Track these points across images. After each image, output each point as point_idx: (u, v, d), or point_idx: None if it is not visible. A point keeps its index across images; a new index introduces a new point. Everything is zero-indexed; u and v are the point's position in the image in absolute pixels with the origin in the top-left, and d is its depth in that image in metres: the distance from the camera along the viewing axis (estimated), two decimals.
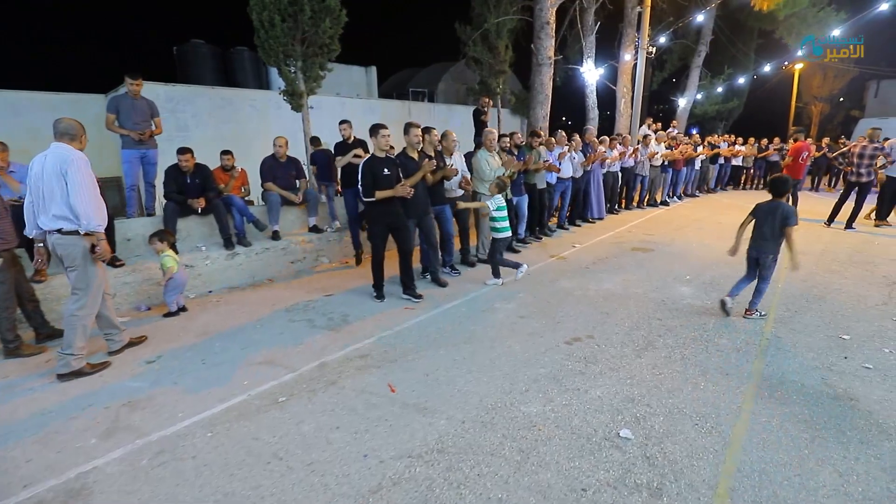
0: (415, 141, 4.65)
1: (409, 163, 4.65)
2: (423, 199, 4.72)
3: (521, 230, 6.65)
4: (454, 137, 5.30)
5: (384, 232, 4.50)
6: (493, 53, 11.49)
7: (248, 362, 3.47)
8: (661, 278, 5.23)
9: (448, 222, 5.32)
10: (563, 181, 7.50)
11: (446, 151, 5.30)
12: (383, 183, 4.27)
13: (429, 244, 4.98)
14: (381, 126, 4.33)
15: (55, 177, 3.03)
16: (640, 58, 11.78)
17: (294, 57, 7.82)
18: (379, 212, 4.37)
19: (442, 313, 4.32)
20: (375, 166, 4.26)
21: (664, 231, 7.88)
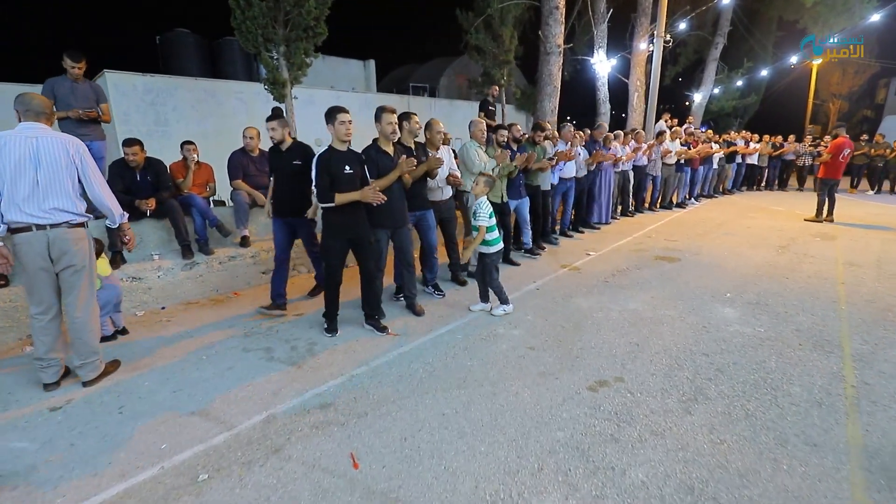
0: (388, 131, 3.58)
1: (382, 158, 3.64)
2: (398, 206, 3.74)
3: (527, 238, 5.81)
4: (441, 127, 4.39)
5: (343, 247, 3.47)
6: (497, 42, 10.67)
7: (176, 413, 2.67)
8: (696, 296, 4.40)
9: (430, 231, 4.32)
10: (565, 181, 6.62)
11: (430, 145, 4.38)
12: (344, 184, 3.30)
13: (404, 263, 4.01)
14: (339, 110, 3.28)
15: (63, 164, 2.72)
16: (657, 47, 10.92)
17: (275, 41, 7.03)
18: (338, 221, 3.38)
19: (433, 341, 3.50)
20: (334, 162, 3.28)
21: (688, 237, 7.03)
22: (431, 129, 4.36)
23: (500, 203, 5.04)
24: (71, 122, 4.54)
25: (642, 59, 12.44)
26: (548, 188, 6.06)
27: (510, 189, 5.29)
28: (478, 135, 4.83)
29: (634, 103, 12.72)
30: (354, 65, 17.66)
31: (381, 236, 3.77)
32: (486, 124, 5.13)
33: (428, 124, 4.35)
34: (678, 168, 9.45)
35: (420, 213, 4.20)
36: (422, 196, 4.19)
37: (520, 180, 5.46)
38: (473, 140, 4.88)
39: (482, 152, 4.83)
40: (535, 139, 5.81)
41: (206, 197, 5.06)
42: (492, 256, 3.89)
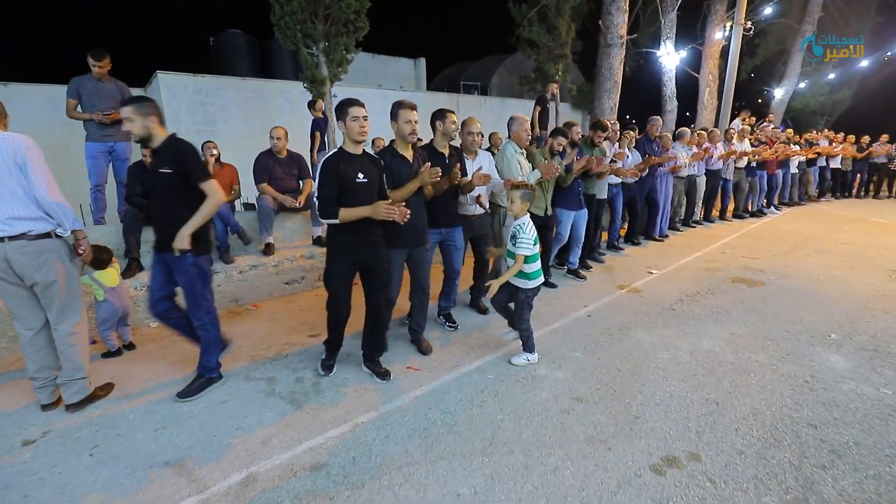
0: (406, 131, 2.92)
1: (398, 165, 3.00)
2: (418, 222, 3.08)
3: (574, 258, 5.00)
4: (478, 128, 3.63)
5: (349, 272, 2.85)
6: (553, 35, 9.89)
7: (147, 463, 2.27)
8: (790, 335, 3.55)
9: (456, 253, 3.60)
10: (611, 187, 5.74)
11: (466, 150, 3.70)
12: (357, 194, 2.67)
13: (417, 288, 3.30)
14: (350, 102, 2.64)
15: (9, 167, 2.38)
16: (735, 35, 9.71)
17: (315, 38, 6.72)
18: (345, 241, 2.76)
19: (458, 382, 2.94)
20: (343, 168, 2.63)
21: (771, 253, 6.02)
22: (468, 130, 3.65)
23: (545, 216, 4.39)
24: (95, 122, 4.38)
25: (716, 51, 11.20)
26: (604, 196, 5.32)
27: (566, 198, 4.61)
28: (521, 136, 4.04)
29: (705, 100, 11.49)
30: (404, 63, 17.39)
31: (396, 257, 3.12)
32: (533, 124, 4.50)
33: (463, 124, 3.64)
34: (749, 172, 8.30)
35: (447, 230, 3.52)
36: (450, 211, 3.50)
37: (578, 187, 4.70)
38: (513, 142, 4.11)
39: (524, 159, 4.14)
40: (595, 140, 5.01)
41: (229, 200, 4.77)
42: (527, 293, 3.08)
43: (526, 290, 3.08)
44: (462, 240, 3.63)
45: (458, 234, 3.59)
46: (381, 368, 3.03)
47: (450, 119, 3.29)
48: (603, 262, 5.55)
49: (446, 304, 3.82)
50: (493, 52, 21.59)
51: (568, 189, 4.58)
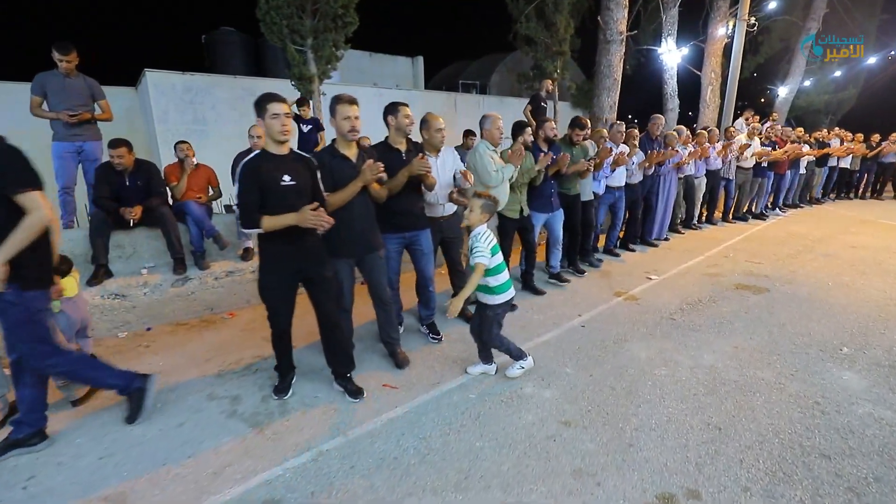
0: (346, 128, 2.62)
1: (338, 165, 2.69)
2: (365, 227, 2.81)
3: (555, 261, 4.76)
4: (440, 124, 3.26)
5: (286, 286, 2.56)
6: (551, 31, 9.63)
7: (84, 497, 2.05)
8: (798, 348, 3.30)
9: (425, 258, 3.34)
10: (613, 190, 5.43)
11: (429, 147, 3.30)
12: (281, 200, 2.35)
13: (376, 300, 3.03)
14: (270, 98, 2.31)
15: None
16: (738, 32, 9.44)
17: (302, 33, 6.49)
18: (276, 251, 2.48)
19: (437, 402, 2.71)
20: (265, 170, 2.33)
21: (776, 258, 5.76)
22: (428, 127, 3.24)
23: (520, 217, 4.16)
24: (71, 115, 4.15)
25: (718, 48, 10.93)
26: (589, 198, 5.01)
27: (536, 199, 4.34)
28: (493, 134, 3.80)
29: (707, 98, 11.22)
30: (402, 62, 17.16)
31: (342, 268, 2.82)
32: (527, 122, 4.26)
33: (423, 121, 3.27)
34: (758, 172, 8.00)
35: (412, 234, 3.24)
36: (413, 213, 3.21)
37: (550, 189, 4.38)
38: (486, 141, 3.87)
39: (497, 157, 3.88)
40: (573, 138, 4.69)
41: (206, 203, 4.54)
42: (495, 309, 2.76)
43: (492, 306, 2.76)
44: (430, 243, 3.35)
45: (426, 238, 3.30)
46: (354, 386, 2.77)
47: (403, 113, 2.98)
48: (599, 266, 5.28)
49: (426, 312, 3.55)
50: (492, 50, 21.36)
51: (539, 191, 4.29)
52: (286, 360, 2.80)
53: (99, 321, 3.78)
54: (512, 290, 2.79)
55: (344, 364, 2.81)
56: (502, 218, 4.16)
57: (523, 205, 4.16)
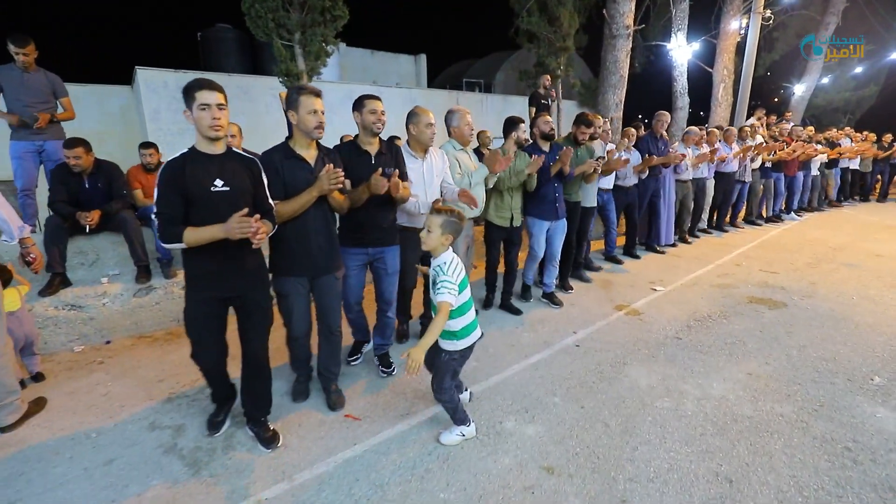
0: (312, 124, 2.23)
1: (294, 168, 2.28)
2: (321, 243, 2.38)
3: (550, 279, 4.18)
4: (430, 119, 2.88)
5: (213, 313, 2.14)
6: (554, 26, 9.23)
7: None
8: (822, 376, 2.91)
9: (388, 278, 2.88)
10: (601, 193, 4.98)
11: (416, 145, 2.94)
12: (211, 209, 1.95)
13: (324, 326, 2.56)
14: (198, 86, 1.92)
15: None
16: (753, 25, 8.97)
17: (289, 27, 6.18)
18: (202, 270, 2.07)
19: (401, 438, 2.36)
20: (191, 173, 1.94)
21: (793, 267, 5.34)
22: (417, 122, 2.88)
23: (510, 227, 3.75)
24: (22, 119, 3.88)
25: (731, 44, 10.45)
26: (592, 205, 4.61)
27: (538, 205, 3.89)
28: (462, 131, 3.26)
29: (719, 96, 10.74)
30: (405, 60, 16.82)
31: (293, 288, 2.40)
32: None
33: (411, 114, 2.91)
34: (765, 174, 7.54)
35: (376, 250, 2.79)
36: (379, 226, 2.74)
37: (555, 192, 3.86)
38: (453, 140, 3.36)
39: (466, 158, 3.41)
40: (578, 137, 4.13)
41: None
42: (452, 355, 2.22)
43: (450, 352, 2.22)
44: (397, 262, 2.90)
45: (392, 255, 2.86)
46: (268, 432, 2.34)
47: (368, 108, 2.55)
48: (590, 281, 4.81)
49: (380, 341, 3.06)
50: (497, 48, 20.95)
51: (541, 194, 3.83)
52: (221, 388, 2.42)
53: (53, 334, 3.50)
54: (477, 332, 2.27)
55: (260, 406, 2.37)
56: (489, 226, 3.78)
57: (514, 212, 3.72)
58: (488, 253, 3.90)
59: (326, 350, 2.64)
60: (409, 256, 3.05)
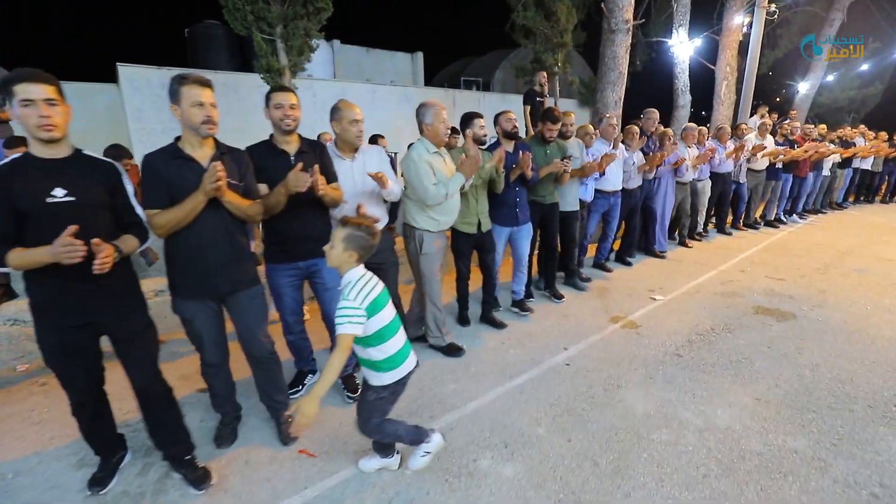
0: (198, 119, 1.88)
1: (180, 171, 1.91)
2: (222, 255, 2.02)
3: (518, 287, 3.90)
4: (356, 115, 2.50)
5: (73, 343, 1.78)
6: (551, 21, 8.91)
7: None
8: (839, 402, 2.60)
9: (329, 294, 2.52)
10: (608, 196, 4.67)
11: (342, 145, 2.58)
12: (48, 224, 1.58)
13: (248, 355, 2.24)
14: (18, 78, 1.54)
15: None
16: (757, 20, 8.66)
17: (269, 21, 5.88)
18: (48, 296, 1.71)
19: (359, 480, 2.06)
20: (19, 185, 1.59)
21: (800, 273, 5.03)
22: (340, 118, 2.47)
23: (478, 233, 3.34)
24: None
25: (734, 40, 10.12)
26: (572, 208, 4.16)
27: (496, 208, 3.50)
28: (437, 130, 2.86)
29: (722, 94, 10.42)
30: (401, 58, 16.54)
31: (196, 314, 2.04)
32: None
33: (334, 109, 2.50)
34: (772, 174, 7.14)
35: (308, 263, 2.45)
36: (309, 237, 2.37)
37: (515, 196, 3.52)
38: (425, 141, 2.92)
39: (443, 162, 2.98)
40: (545, 134, 3.73)
41: None
42: (379, 392, 1.88)
43: (376, 388, 1.86)
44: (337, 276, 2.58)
45: (330, 269, 2.50)
46: (196, 471, 2.03)
47: (274, 102, 2.21)
48: (585, 289, 4.46)
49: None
50: (497, 47, 20.65)
51: (500, 198, 3.45)
52: (99, 439, 2.06)
53: None
54: (409, 363, 1.90)
55: (173, 443, 2.05)
56: (456, 234, 3.37)
57: (481, 216, 3.32)
58: (457, 264, 3.48)
59: (261, 377, 2.31)
60: None
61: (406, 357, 1.89)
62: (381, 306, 1.79)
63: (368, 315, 1.72)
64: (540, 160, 3.70)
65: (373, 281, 1.81)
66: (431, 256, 3.02)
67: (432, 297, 3.09)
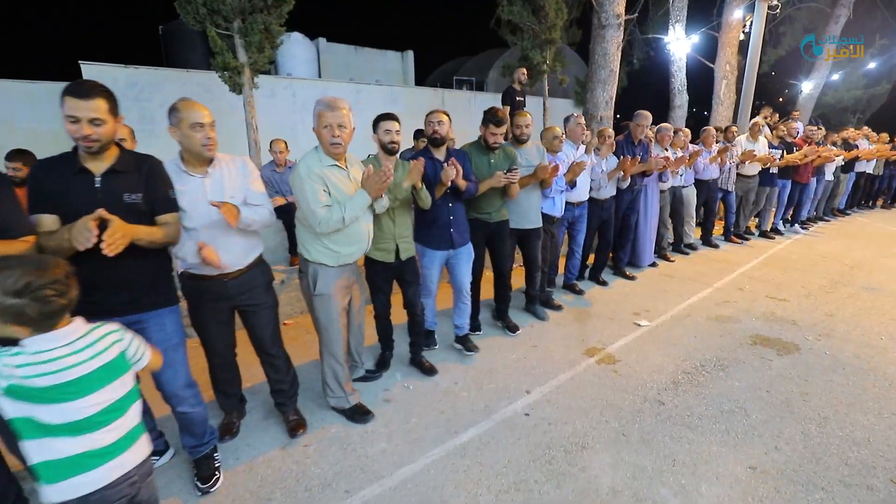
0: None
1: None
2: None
3: (461, 320, 3.25)
4: (200, 117, 1.91)
5: None
6: (538, 16, 8.41)
7: None
8: (854, 472, 2.10)
9: (174, 351, 1.93)
10: (572, 207, 4.10)
11: (190, 157, 1.97)
12: None
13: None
14: None
15: None
16: (758, 15, 8.14)
17: (224, 14, 5.41)
18: None
19: None
20: None
21: (805, 293, 4.52)
22: (178, 125, 1.89)
23: (396, 262, 2.73)
24: None
25: (734, 37, 9.61)
26: (535, 225, 3.54)
27: (426, 228, 2.94)
28: (322, 137, 2.21)
29: (721, 94, 9.91)
30: (391, 56, 16.05)
31: None
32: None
33: (169, 112, 1.92)
34: (766, 180, 6.50)
35: (129, 319, 1.77)
36: (129, 284, 1.79)
37: (448, 214, 2.89)
38: (318, 152, 2.28)
39: (349, 178, 2.33)
40: (487, 139, 3.09)
41: None
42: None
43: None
44: (173, 330, 1.93)
45: (159, 323, 1.89)
46: None
47: (66, 110, 1.54)
48: (546, 318, 3.83)
49: (191, 442, 2.09)
50: (492, 46, 20.16)
51: (429, 217, 2.87)
52: None
53: None
54: (95, 478, 1.24)
55: None
56: (369, 263, 2.77)
57: (400, 241, 2.71)
58: (374, 298, 2.91)
59: None
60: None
61: (83, 471, 1.22)
62: (66, 397, 1.18)
63: (19, 397, 1.14)
64: (483, 171, 3.10)
65: (68, 360, 1.19)
66: (327, 299, 2.37)
67: (330, 347, 2.45)
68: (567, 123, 4.07)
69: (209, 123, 1.93)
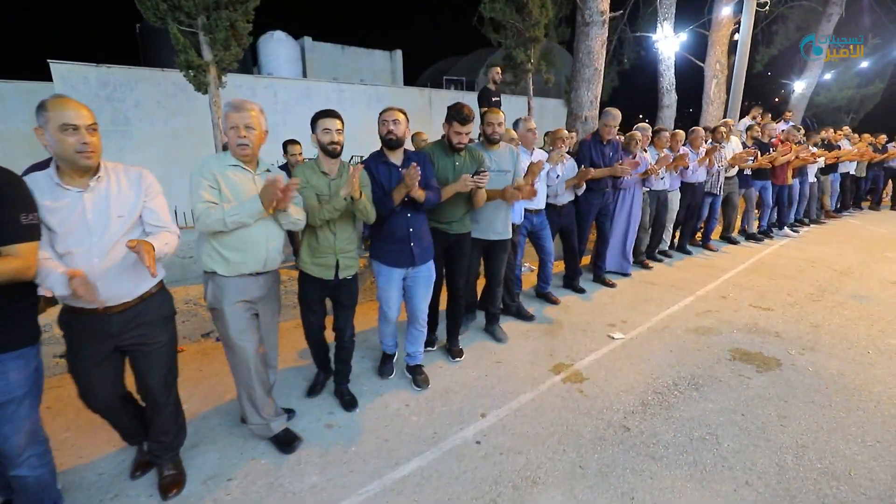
0: None
1: None
2: None
3: (414, 347, 2.92)
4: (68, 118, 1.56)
5: None
6: (522, 13, 8.19)
7: None
8: None
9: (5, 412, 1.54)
10: (530, 215, 3.81)
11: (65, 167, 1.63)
12: None
13: None
14: None
15: None
16: (747, 12, 7.95)
17: (187, 10, 5.17)
18: None
19: None
20: None
21: (791, 301, 4.32)
22: (44, 126, 1.58)
23: (335, 281, 2.44)
24: None
25: (724, 35, 9.43)
26: (503, 237, 3.23)
27: (386, 245, 2.65)
28: (230, 138, 2.01)
29: (711, 93, 9.73)
30: (379, 56, 15.81)
31: None
32: None
33: (38, 107, 1.59)
34: (746, 182, 6.34)
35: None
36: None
37: (408, 227, 2.61)
38: (226, 153, 2.09)
39: (249, 178, 2.08)
40: (452, 139, 2.76)
41: None
42: None
43: None
44: (26, 379, 1.58)
45: (12, 366, 1.53)
46: None
47: None
48: (504, 341, 3.45)
49: None
50: (484, 45, 19.95)
51: (387, 230, 2.59)
52: None
53: None
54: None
55: None
56: (303, 279, 2.50)
57: (341, 257, 2.42)
58: (304, 318, 2.62)
59: None
60: None
61: None
62: None
63: None
64: (447, 174, 2.83)
65: None
66: (223, 314, 2.08)
67: (237, 369, 2.15)
68: (516, 128, 3.77)
69: (87, 126, 1.61)
